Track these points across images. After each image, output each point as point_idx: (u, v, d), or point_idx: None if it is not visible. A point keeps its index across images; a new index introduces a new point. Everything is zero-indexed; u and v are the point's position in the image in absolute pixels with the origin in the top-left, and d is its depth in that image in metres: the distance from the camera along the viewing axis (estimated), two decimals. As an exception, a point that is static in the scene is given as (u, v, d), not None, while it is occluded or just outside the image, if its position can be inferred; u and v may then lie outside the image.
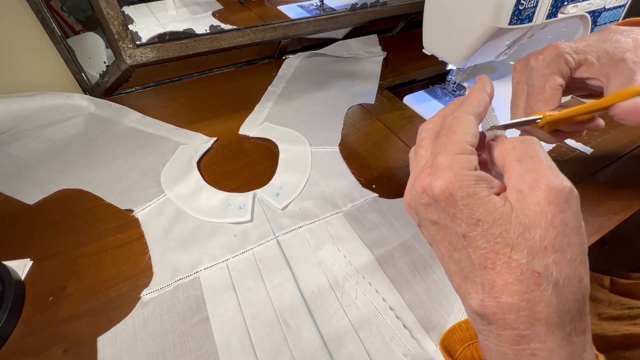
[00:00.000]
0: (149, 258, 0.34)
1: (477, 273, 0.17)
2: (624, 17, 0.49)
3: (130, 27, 0.49)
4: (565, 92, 0.27)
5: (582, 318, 0.16)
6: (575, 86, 0.28)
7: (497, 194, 0.18)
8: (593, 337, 0.17)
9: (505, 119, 0.31)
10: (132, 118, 0.52)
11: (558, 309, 0.16)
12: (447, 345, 0.25)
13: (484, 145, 0.25)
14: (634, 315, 0.42)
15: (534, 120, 0.24)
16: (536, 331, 0.16)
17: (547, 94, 0.26)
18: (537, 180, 0.17)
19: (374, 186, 0.42)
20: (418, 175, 0.20)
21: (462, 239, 0.18)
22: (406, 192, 0.22)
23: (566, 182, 0.16)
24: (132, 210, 0.39)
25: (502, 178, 0.20)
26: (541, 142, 0.21)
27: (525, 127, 0.29)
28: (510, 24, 0.37)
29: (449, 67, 0.57)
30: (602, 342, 0.42)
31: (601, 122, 0.27)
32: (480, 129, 0.22)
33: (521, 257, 0.16)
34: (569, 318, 0.16)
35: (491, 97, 0.22)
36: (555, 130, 0.28)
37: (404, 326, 0.29)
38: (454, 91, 0.58)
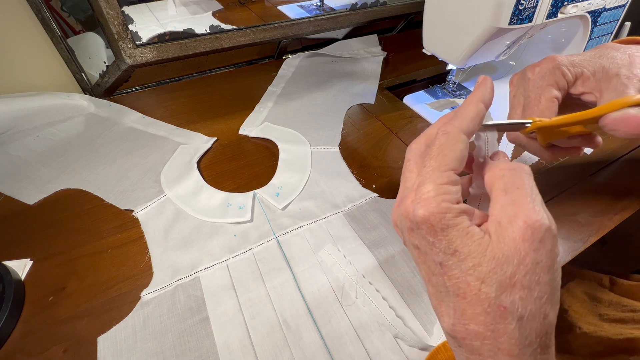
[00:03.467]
0: (149, 258, 0.34)
1: (450, 299, 0.18)
2: (624, 18, 0.49)
3: (130, 27, 0.49)
4: (563, 108, 0.27)
5: (544, 351, 0.17)
6: (574, 103, 0.28)
7: (479, 224, 0.18)
8: (595, 338, 0.18)
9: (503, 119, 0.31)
10: (132, 118, 0.52)
11: (520, 342, 0.16)
12: None
13: (470, 160, 0.24)
14: (637, 319, 0.42)
15: (524, 123, 0.24)
16: None
17: (542, 106, 0.26)
18: (516, 215, 0.17)
19: (374, 186, 0.42)
20: (403, 200, 0.20)
21: (439, 267, 0.18)
22: (393, 210, 0.22)
23: (544, 220, 0.17)
24: (132, 210, 0.39)
25: (485, 196, 0.20)
26: (539, 158, 0.21)
27: (521, 141, 0.29)
28: (510, 24, 0.37)
29: (449, 67, 0.57)
30: (604, 344, 0.41)
31: (599, 139, 0.27)
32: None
33: (490, 291, 0.17)
34: (530, 351, 0.17)
35: (488, 106, 0.21)
36: (552, 146, 0.28)
37: (405, 324, 0.30)
38: (454, 91, 0.58)
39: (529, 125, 0.23)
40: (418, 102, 0.57)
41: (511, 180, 0.18)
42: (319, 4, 0.68)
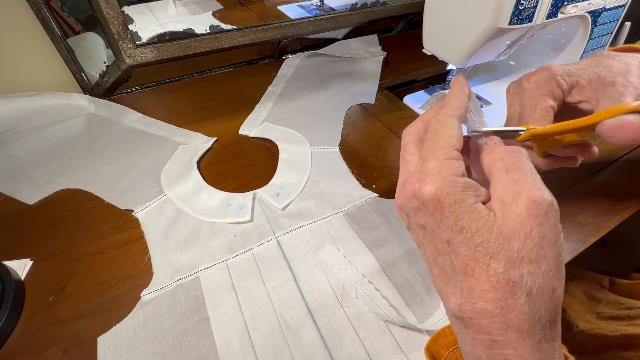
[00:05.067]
0: (149, 258, 0.34)
1: (457, 278, 0.18)
2: (624, 18, 0.49)
3: (130, 27, 0.49)
4: (561, 118, 0.27)
5: (552, 327, 0.17)
6: (571, 112, 0.28)
7: (484, 202, 0.19)
8: (591, 335, 0.18)
9: (501, 121, 0.31)
10: (132, 118, 0.52)
11: (529, 317, 0.16)
12: (432, 350, 0.26)
13: (468, 148, 0.25)
14: (633, 315, 0.42)
15: (517, 131, 0.24)
16: (508, 337, 0.17)
17: (537, 115, 0.26)
18: (519, 192, 0.17)
19: (374, 186, 0.42)
20: (408, 180, 0.20)
21: (446, 245, 0.18)
22: (397, 194, 0.22)
23: (547, 196, 0.17)
24: (132, 210, 0.39)
25: (486, 182, 0.21)
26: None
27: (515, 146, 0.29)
28: (510, 24, 0.37)
29: (449, 67, 0.57)
30: (600, 342, 0.42)
31: (595, 149, 0.27)
32: (465, 132, 0.22)
33: (499, 266, 0.17)
34: (540, 326, 0.17)
35: (469, 97, 0.23)
36: (549, 156, 0.28)
37: (406, 324, 0.30)
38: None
39: (522, 132, 0.24)
40: (418, 102, 0.57)
41: (511, 161, 0.19)
42: (319, 4, 0.68)
